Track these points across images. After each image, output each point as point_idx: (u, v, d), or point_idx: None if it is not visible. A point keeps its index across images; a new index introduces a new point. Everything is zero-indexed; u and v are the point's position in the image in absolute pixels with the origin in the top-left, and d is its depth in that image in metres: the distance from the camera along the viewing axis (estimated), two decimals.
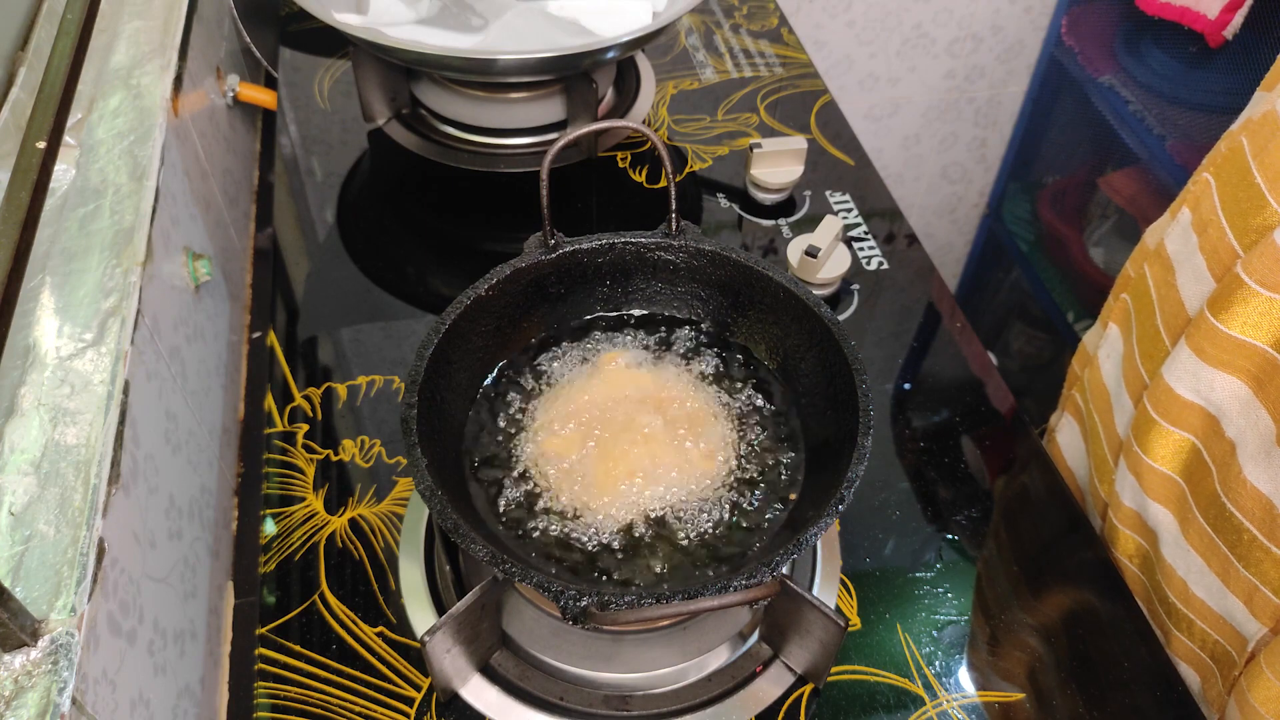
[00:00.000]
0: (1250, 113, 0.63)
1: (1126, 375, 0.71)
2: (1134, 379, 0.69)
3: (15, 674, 0.37)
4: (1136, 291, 0.70)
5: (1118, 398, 0.72)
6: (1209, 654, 0.65)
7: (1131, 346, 0.70)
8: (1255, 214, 0.57)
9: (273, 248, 0.88)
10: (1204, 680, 0.66)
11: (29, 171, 0.50)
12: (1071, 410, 0.81)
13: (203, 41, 0.84)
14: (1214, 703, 0.65)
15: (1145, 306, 0.68)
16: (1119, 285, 0.76)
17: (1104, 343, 0.75)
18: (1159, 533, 0.66)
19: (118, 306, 0.50)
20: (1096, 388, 0.75)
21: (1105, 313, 0.78)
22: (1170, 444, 0.64)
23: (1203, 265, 0.61)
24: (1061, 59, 1.56)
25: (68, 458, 0.44)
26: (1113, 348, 0.73)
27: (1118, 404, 0.72)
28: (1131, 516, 0.69)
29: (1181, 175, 1.31)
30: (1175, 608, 0.66)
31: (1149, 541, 0.68)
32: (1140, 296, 0.69)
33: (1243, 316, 0.56)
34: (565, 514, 0.58)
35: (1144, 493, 0.66)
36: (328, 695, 0.58)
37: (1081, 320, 1.57)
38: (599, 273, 0.67)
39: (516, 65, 0.82)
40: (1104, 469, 0.74)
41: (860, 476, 0.52)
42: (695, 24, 1.15)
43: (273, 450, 0.71)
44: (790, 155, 0.90)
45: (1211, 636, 0.64)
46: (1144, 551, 0.69)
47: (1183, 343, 0.61)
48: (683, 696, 0.58)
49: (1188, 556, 0.63)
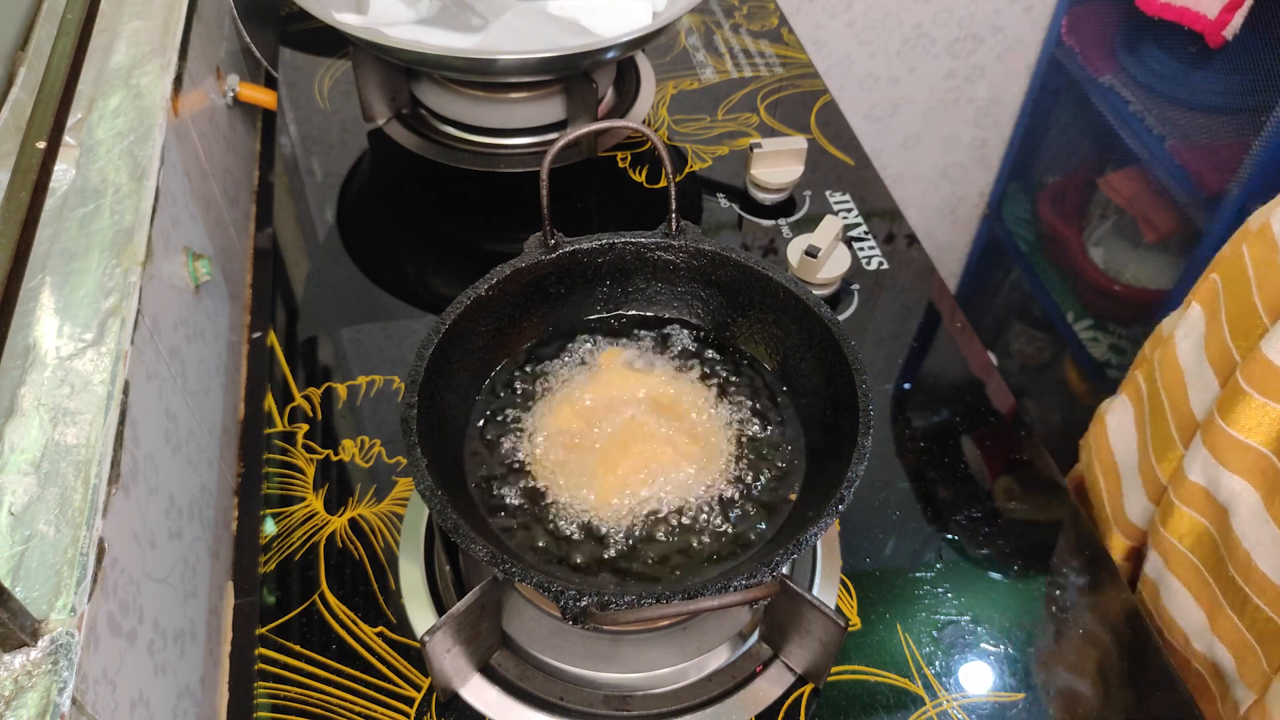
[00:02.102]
0: None
1: (1210, 352, 0.71)
2: (1220, 355, 0.70)
3: (15, 674, 0.37)
4: (1230, 271, 0.71)
5: (1196, 374, 0.72)
6: (1257, 633, 0.65)
7: (1220, 324, 0.70)
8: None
9: (273, 248, 0.88)
10: (1241, 662, 0.66)
11: (29, 171, 0.50)
12: (1130, 392, 0.82)
13: (203, 41, 0.84)
14: (1253, 684, 0.65)
15: (1240, 284, 0.69)
16: (1211, 266, 0.75)
17: (1183, 322, 0.75)
18: (1233, 506, 0.66)
19: (118, 306, 0.50)
20: (1169, 366, 0.75)
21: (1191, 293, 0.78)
22: (1264, 416, 0.64)
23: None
24: (1061, 59, 1.56)
25: (68, 458, 0.44)
26: (1192, 327, 0.74)
27: (1195, 381, 0.73)
28: (1197, 492, 0.69)
29: (1181, 175, 1.31)
30: (1233, 583, 0.66)
31: (1214, 518, 0.69)
32: (1235, 276, 0.70)
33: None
34: (565, 513, 0.57)
35: (1221, 466, 0.67)
36: (328, 695, 0.58)
37: (1081, 320, 1.57)
38: (599, 273, 0.67)
39: (516, 65, 0.82)
40: (1166, 446, 0.74)
41: (860, 476, 0.52)
42: (695, 24, 1.15)
43: (273, 450, 0.71)
44: (790, 155, 0.90)
45: (1264, 613, 0.64)
46: (1200, 530, 0.70)
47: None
48: (683, 696, 0.58)
49: (1264, 529, 0.64)
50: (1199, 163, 1.29)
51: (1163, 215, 1.41)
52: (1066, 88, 1.59)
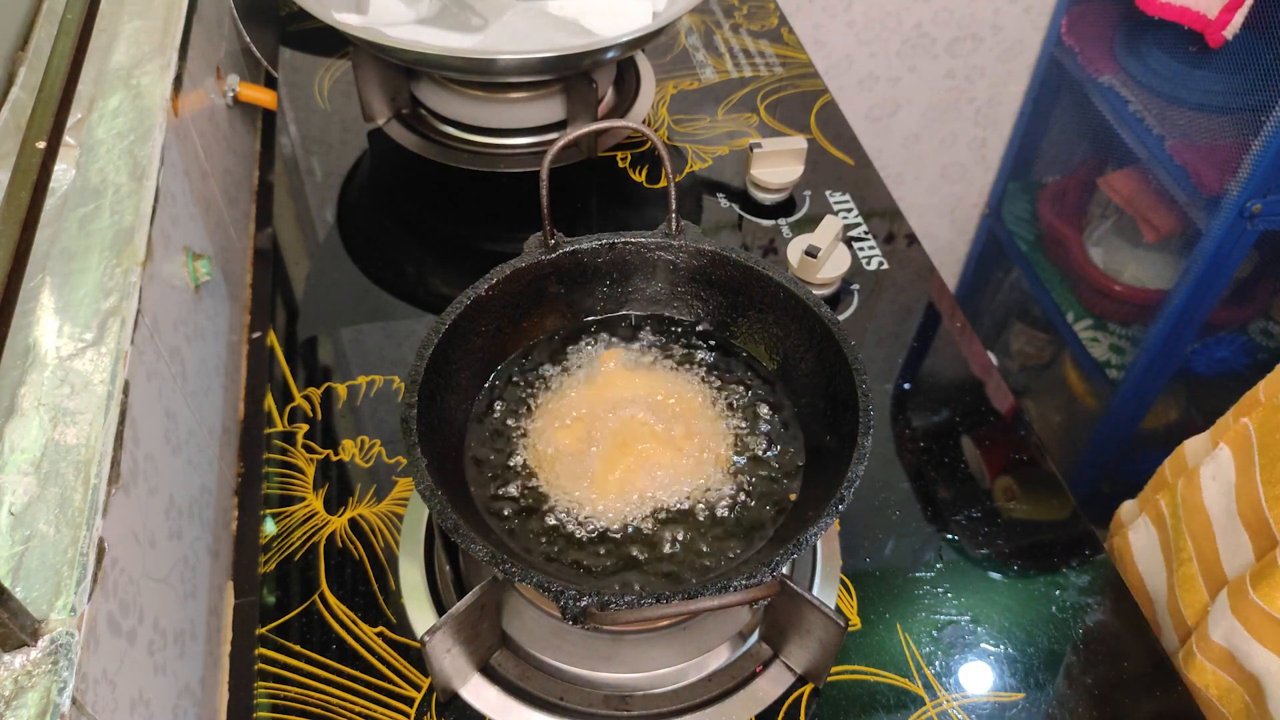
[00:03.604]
0: None
1: (1242, 509, 0.64)
2: (1253, 512, 0.63)
3: (15, 674, 0.37)
4: (1265, 424, 0.63)
5: (1226, 529, 0.66)
6: None
7: (1253, 478, 0.63)
8: None
9: (273, 248, 0.88)
10: None
11: (29, 171, 0.50)
12: (1153, 516, 0.75)
13: (203, 41, 0.84)
14: None
15: (1276, 445, 0.62)
16: (1242, 407, 0.69)
17: (1211, 462, 0.68)
18: (1267, 683, 0.61)
19: (118, 306, 0.50)
20: (1194, 509, 0.69)
21: (1218, 430, 0.72)
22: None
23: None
24: (1061, 59, 1.56)
25: (68, 458, 0.44)
26: (1222, 471, 0.67)
27: (1225, 534, 0.66)
28: (1222, 655, 0.64)
29: (1181, 175, 1.31)
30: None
31: (1244, 682, 0.63)
32: (1271, 431, 0.63)
33: None
34: (565, 514, 0.57)
35: (1252, 639, 0.61)
36: (328, 695, 0.58)
37: (1081, 320, 1.57)
38: (599, 273, 0.67)
39: (516, 65, 0.82)
40: (1192, 594, 0.68)
41: (860, 476, 0.52)
42: (695, 24, 1.15)
43: (273, 450, 0.71)
44: (790, 155, 0.90)
45: None
46: (1227, 686, 0.64)
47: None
48: (683, 696, 0.58)
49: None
50: (1199, 163, 1.29)
51: (1163, 215, 1.41)
52: (1066, 88, 1.59)
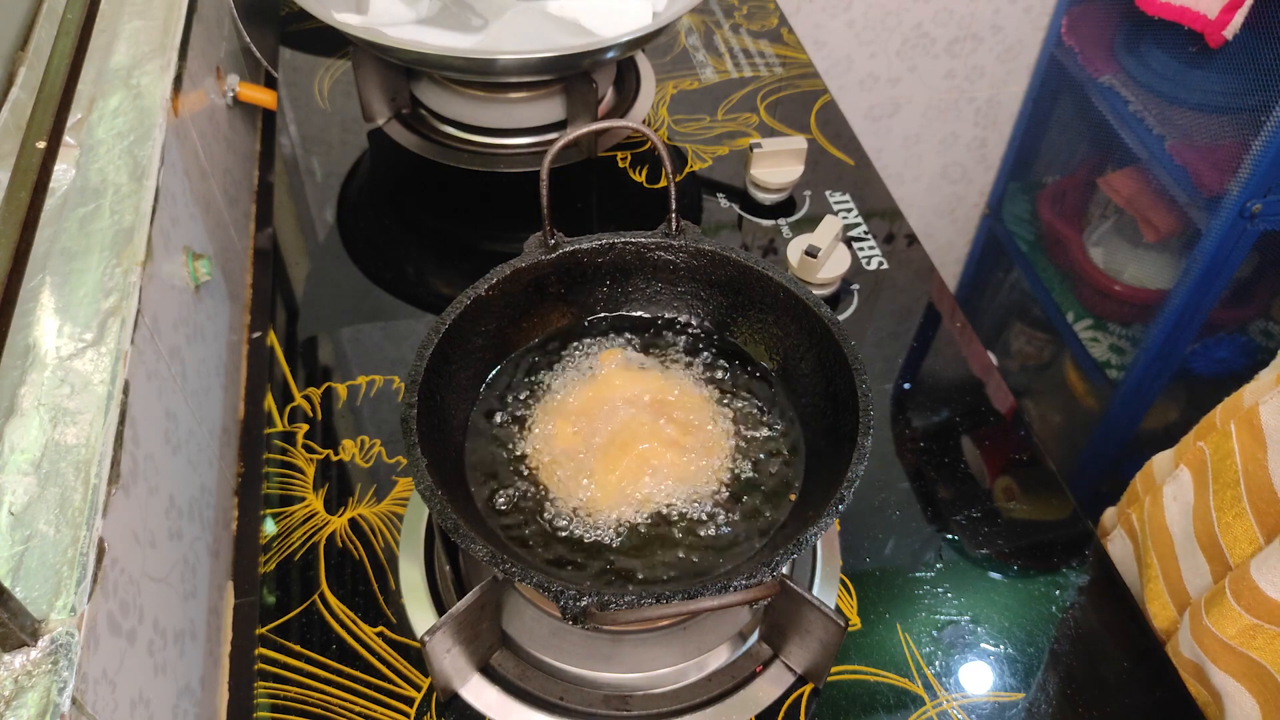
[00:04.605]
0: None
1: (1199, 532, 0.65)
2: (1208, 541, 0.64)
3: (15, 674, 0.37)
4: (1219, 450, 0.64)
5: (1185, 548, 0.67)
6: None
7: (1207, 505, 0.64)
8: None
9: (273, 248, 0.88)
10: None
11: (29, 171, 0.51)
12: (1126, 529, 0.75)
13: (203, 41, 0.84)
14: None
15: (1227, 471, 0.62)
16: (1200, 430, 0.69)
17: (1173, 482, 0.69)
18: (1226, 704, 0.61)
19: (118, 306, 0.50)
20: (1158, 527, 0.69)
21: (1181, 449, 0.72)
22: (1258, 635, 0.58)
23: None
24: (1061, 59, 1.56)
25: (68, 458, 0.44)
26: (1182, 493, 0.68)
27: (1185, 554, 0.67)
28: (1193, 668, 0.64)
29: (1181, 175, 1.31)
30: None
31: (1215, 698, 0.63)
32: (1223, 457, 0.63)
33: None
34: (565, 513, 0.57)
35: (1212, 663, 0.61)
36: (328, 695, 0.58)
37: (1081, 320, 1.57)
38: (599, 273, 0.67)
39: (516, 65, 0.82)
40: (1162, 609, 0.68)
41: (860, 476, 0.52)
42: (695, 24, 1.15)
43: (273, 450, 0.71)
44: (790, 155, 0.90)
45: None
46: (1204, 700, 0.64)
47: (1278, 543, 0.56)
48: (683, 696, 0.58)
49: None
50: (1199, 163, 1.29)
51: (1163, 215, 1.41)
52: (1066, 88, 1.59)
